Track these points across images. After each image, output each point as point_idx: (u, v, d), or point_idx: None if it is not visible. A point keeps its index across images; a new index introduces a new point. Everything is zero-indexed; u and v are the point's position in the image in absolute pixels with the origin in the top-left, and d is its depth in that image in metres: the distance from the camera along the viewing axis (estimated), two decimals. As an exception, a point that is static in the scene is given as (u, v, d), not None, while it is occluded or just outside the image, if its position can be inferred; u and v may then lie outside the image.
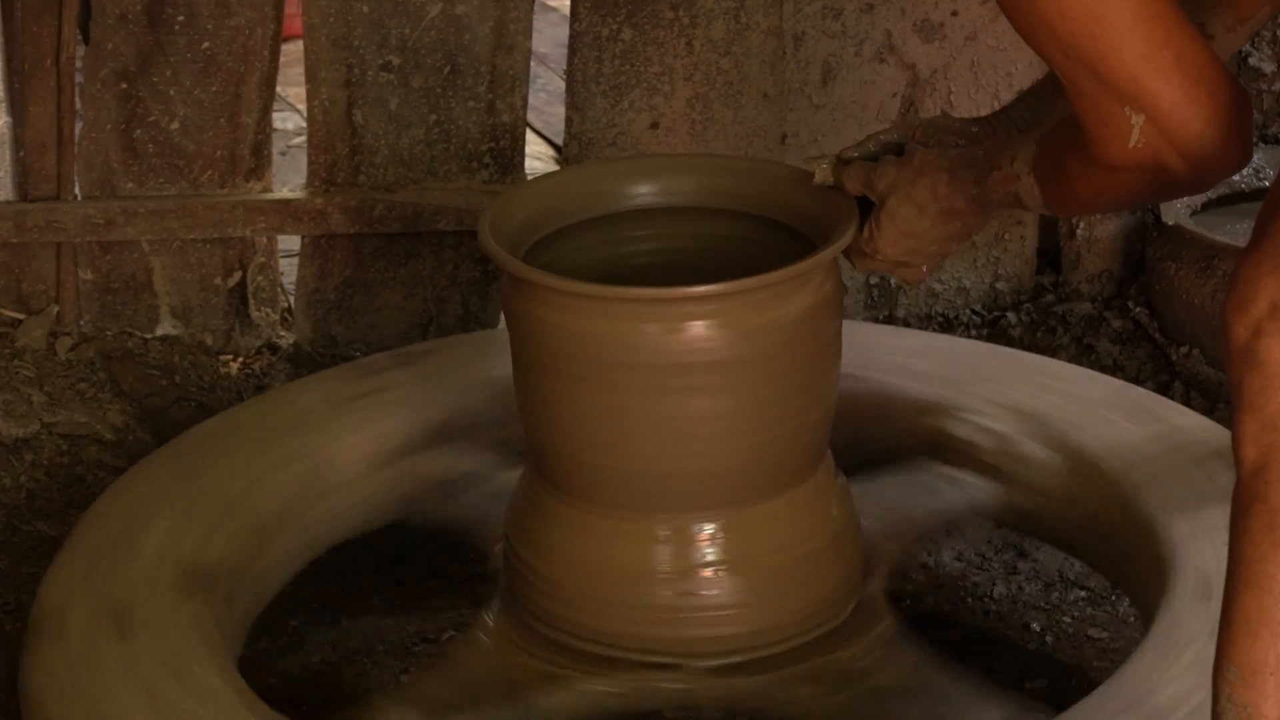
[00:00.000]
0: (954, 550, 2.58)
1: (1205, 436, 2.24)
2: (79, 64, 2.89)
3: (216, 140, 2.92)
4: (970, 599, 2.48)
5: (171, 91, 2.89)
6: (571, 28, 2.98)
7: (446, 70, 2.93)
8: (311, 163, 2.98)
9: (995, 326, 3.15)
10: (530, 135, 3.42)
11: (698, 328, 1.91)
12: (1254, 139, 1.74)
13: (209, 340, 3.00)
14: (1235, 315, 1.46)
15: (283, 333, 3.05)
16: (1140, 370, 2.99)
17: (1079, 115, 1.65)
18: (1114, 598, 2.46)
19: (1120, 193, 1.70)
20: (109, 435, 2.78)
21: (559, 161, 3.47)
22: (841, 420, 2.10)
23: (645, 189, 2.15)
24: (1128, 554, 2.16)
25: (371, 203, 2.95)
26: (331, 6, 2.88)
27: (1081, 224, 3.16)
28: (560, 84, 3.49)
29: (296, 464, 2.23)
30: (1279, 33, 3.22)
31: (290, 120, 3.92)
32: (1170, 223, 3.03)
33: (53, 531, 2.51)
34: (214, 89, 2.89)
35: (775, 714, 2.03)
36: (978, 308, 3.20)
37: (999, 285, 3.20)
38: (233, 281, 3.00)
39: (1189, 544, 2.05)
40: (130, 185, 2.92)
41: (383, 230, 2.97)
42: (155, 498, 2.15)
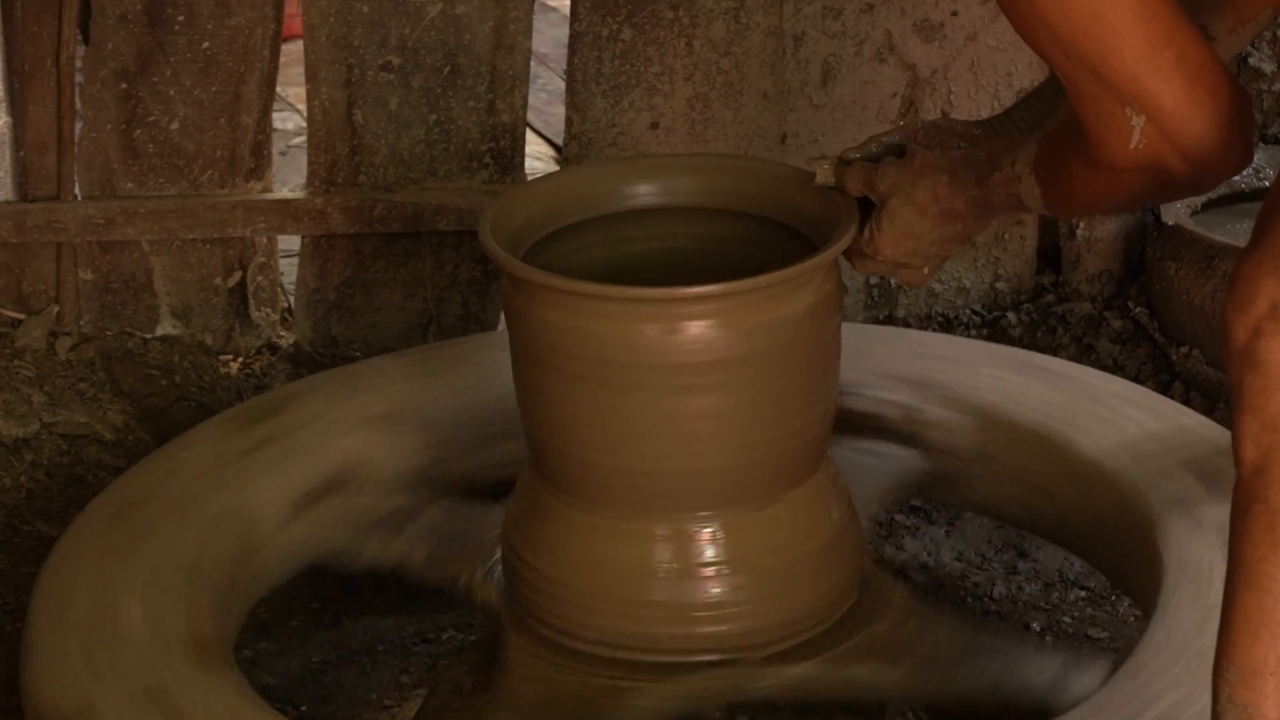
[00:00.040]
0: (954, 550, 2.58)
1: (1081, 376, 2.40)
2: (79, 64, 2.89)
3: (216, 140, 2.92)
4: (970, 599, 2.48)
5: (171, 91, 2.89)
6: (571, 28, 2.98)
7: (446, 70, 2.93)
8: (311, 163, 2.97)
9: (995, 326, 3.15)
10: (530, 135, 3.42)
11: (698, 328, 1.91)
12: (1255, 139, 1.73)
13: (209, 340, 3.00)
14: (1235, 315, 1.46)
15: (283, 333, 3.05)
16: (1140, 370, 2.99)
17: (1080, 116, 1.65)
18: (1114, 598, 2.46)
19: (1121, 194, 1.70)
20: (109, 435, 2.78)
21: (559, 161, 3.47)
22: None
23: (645, 189, 2.15)
24: (1050, 494, 2.26)
25: (371, 203, 2.95)
26: (331, 6, 2.88)
27: (1081, 224, 3.16)
28: (560, 84, 3.49)
29: (229, 521, 2.18)
30: (1279, 33, 3.22)
31: (290, 120, 3.92)
32: (1170, 223, 3.03)
33: (53, 531, 2.51)
34: (214, 89, 2.89)
35: (849, 693, 2.06)
36: (978, 308, 3.20)
37: (999, 285, 3.20)
38: (233, 281, 3.00)
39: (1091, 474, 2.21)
40: (130, 185, 2.92)
41: (383, 230, 2.97)
42: (113, 576, 2.06)
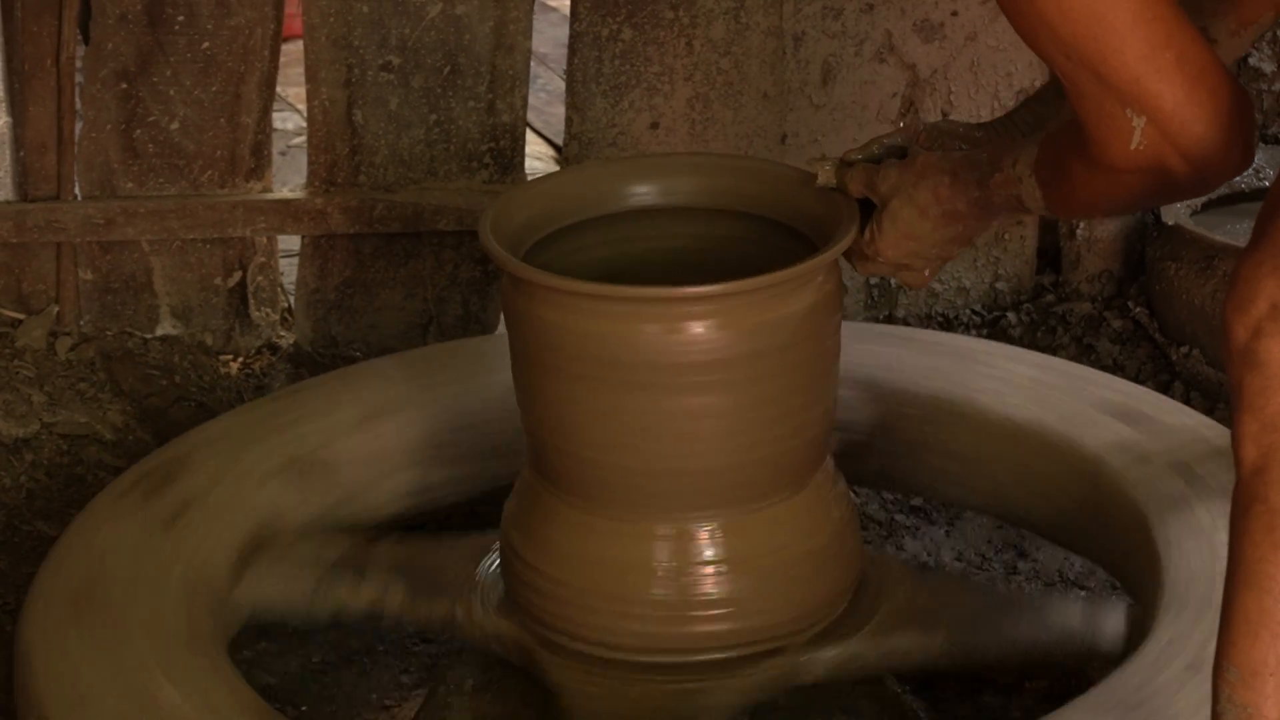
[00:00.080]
0: (954, 550, 2.58)
1: (949, 340, 2.54)
2: (79, 64, 2.89)
3: (216, 140, 2.92)
4: (970, 599, 2.48)
5: (171, 91, 2.89)
6: (571, 28, 2.98)
7: (446, 70, 2.93)
8: (311, 163, 2.97)
9: (995, 326, 3.15)
10: (530, 135, 3.42)
11: (698, 327, 1.91)
12: (1256, 140, 1.73)
13: (209, 340, 3.00)
14: (1235, 315, 1.46)
15: (283, 333, 3.05)
16: (1140, 370, 2.99)
17: (1080, 117, 1.65)
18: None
19: (1122, 195, 1.70)
20: (109, 435, 2.78)
21: (559, 161, 3.47)
22: None
23: (645, 189, 2.15)
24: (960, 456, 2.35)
25: (371, 203, 2.95)
26: (331, 6, 2.88)
27: (1081, 224, 3.16)
28: (560, 84, 3.49)
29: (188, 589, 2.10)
30: (1279, 33, 3.22)
31: (290, 120, 3.92)
32: (1170, 223, 3.03)
33: (53, 531, 2.51)
34: (214, 89, 2.89)
35: (898, 663, 2.09)
36: (978, 308, 3.20)
37: (999, 285, 3.20)
38: (233, 281, 3.00)
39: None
40: (130, 185, 2.92)
41: (383, 230, 2.97)
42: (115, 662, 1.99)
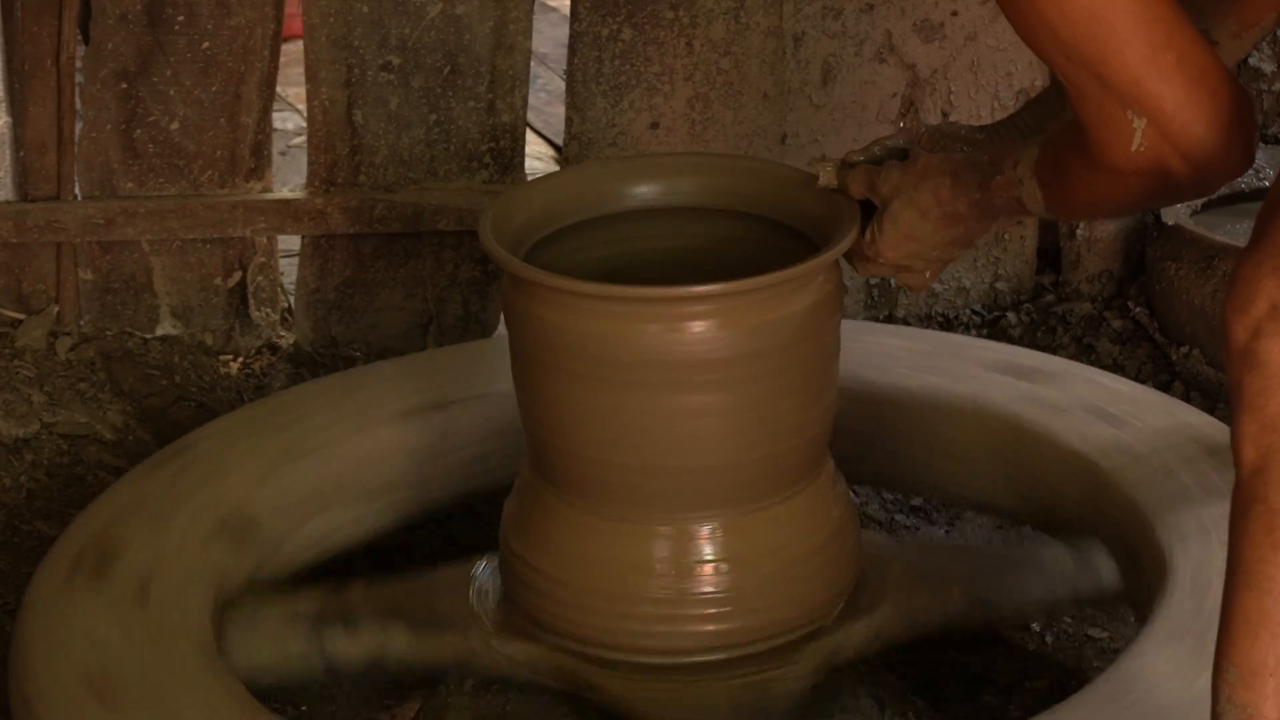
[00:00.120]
0: (954, 550, 2.58)
1: None
2: (79, 64, 2.89)
3: (216, 140, 2.92)
4: (970, 599, 2.48)
5: (171, 91, 2.89)
6: (571, 28, 2.98)
7: (446, 70, 2.93)
8: (311, 163, 2.97)
9: (995, 326, 3.15)
10: (530, 135, 3.42)
11: (699, 327, 1.91)
12: (1256, 141, 1.73)
13: (209, 340, 3.00)
14: (1235, 316, 1.46)
15: (283, 333, 3.05)
16: (1140, 370, 2.99)
17: (1081, 118, 1.65)
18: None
19: (1123, 196, 1.70)
20: (109, 435, 2.78)
21: (559, 161, 3.47)
22: None
23: (645, 189, 2.15)
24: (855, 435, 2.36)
25: (371, 203, 2.95)
26: (331, 6, 2.88)
27: (1081, 224, 3.16)
28: (560, 84, 3.49)
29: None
30: (1279, 34, 3.21)
31: (290, 120, 3.92)
32: (1170, 223, 3.03)
33: (53, 531, 2.51)
34: (214, 89, 2.89)
35: (924, 627, 2.13)
36: (978, 308, 3.20)
37: (999, 285, 3.20)
38: (233, 281, 3.00)
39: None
40: (130, 185, 2.92)
41: (383, 230, 2.97)
42: None
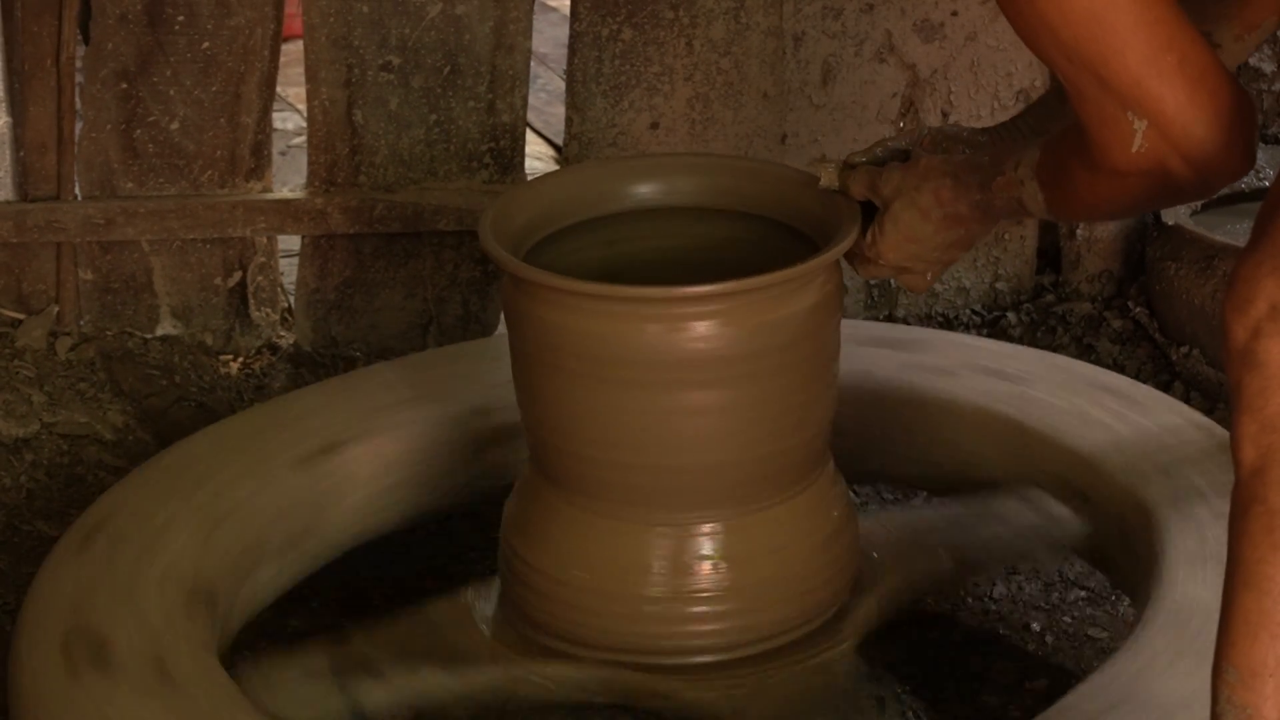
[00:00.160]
0: (954, 550, 2.58)
1: None
2: (79, 64, 2.89)
3: (216, 140, 2.92)
4: (970, 599, 2.48)
5: (171, 91, 2.89)
6: (571, 28, 2.98)
7: (446, 70, 2.93)
8: (311, 163, 2.97)
9: (995, 326, 3.15)
10: (530, 135, 3.42)
11: (700, 327, 1.92)
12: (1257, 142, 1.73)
13: (209, 340, 3.00)
14: (1234, 316, 1.46)
15: (283, 333, 3.05)
16: (1140, 370, 2.99)
17: (1082, 120, 1.65)
18: (1114, 597, 2.46)
19: (1124, 198, 1.70)
20: (109, 435, 2.78)
21: (559, 161, 3.47)
22: None
23: (645, 189, 2.15)
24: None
25: (371, 203, 2.95)
26: (331, 6, 2.88)
27: (1081, 224, 3.16)
28: (560, 84, 3.49)
29: None
30: (1279, 34, 3.21)
31: (290, 120, 3.92)
32: (1170, 223, 3.03)
33: (53, 531, 2.51)
34: (214, 89, 2.89)
35: (920, 588, 2.17)
36: (978, 308, 3.20)
37: (999, 285, 3.20)
38: (233, 281, 3.00)
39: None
40: (130, 185, 2.92)
41: (383, 230, 2.97)
42: None
